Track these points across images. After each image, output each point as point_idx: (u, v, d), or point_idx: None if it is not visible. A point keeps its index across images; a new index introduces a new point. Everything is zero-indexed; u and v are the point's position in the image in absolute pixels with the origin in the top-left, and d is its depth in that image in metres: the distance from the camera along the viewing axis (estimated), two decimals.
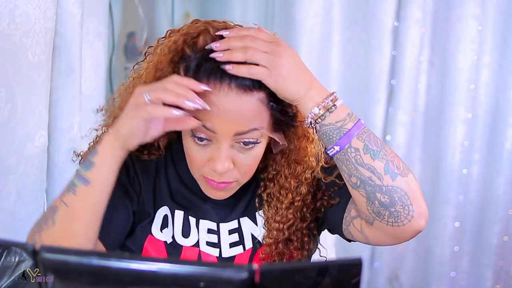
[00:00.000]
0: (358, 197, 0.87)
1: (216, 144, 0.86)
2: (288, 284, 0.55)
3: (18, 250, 0.63)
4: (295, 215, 0.96)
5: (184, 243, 0.96)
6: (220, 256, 0.97)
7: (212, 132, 0.85)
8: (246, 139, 0.86)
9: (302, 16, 1.89)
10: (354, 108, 2.30)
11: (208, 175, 0.89)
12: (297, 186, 0.96)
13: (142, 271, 0.54)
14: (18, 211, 1.26)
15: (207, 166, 0.88)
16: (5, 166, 1.21)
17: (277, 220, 0.96)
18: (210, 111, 0.82)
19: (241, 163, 0.88)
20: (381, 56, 1.97)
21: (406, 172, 0.86)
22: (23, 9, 1.16)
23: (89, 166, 0.84)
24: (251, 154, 0.89)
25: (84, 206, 0.84)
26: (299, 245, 0.98)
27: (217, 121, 0.83)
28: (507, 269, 2.10)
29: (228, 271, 0.54)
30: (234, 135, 0.85)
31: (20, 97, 1.20)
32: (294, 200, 0.96)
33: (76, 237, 0.83)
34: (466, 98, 1.97)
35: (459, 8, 1.92)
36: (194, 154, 0.88)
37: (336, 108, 0.86)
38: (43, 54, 1.22)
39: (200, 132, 0.85)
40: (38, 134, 1.26)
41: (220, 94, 0.83)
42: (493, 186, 2.04)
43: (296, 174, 0.96)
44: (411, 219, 0.87)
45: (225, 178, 0.89)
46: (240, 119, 0.84)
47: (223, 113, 0.83)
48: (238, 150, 0.88)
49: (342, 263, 0.58)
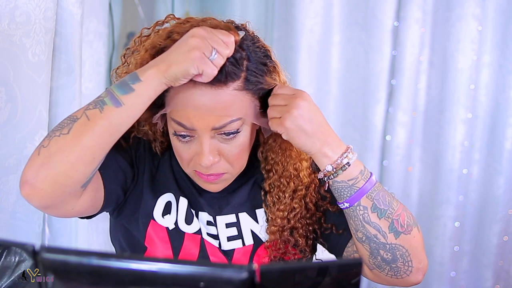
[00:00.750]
0: (362, 250, 0.90)
1: (198, 140, 0.87)
2: (288, 284, 0.55)
3: (18, 250, 0.63)
4: (299, 203, 0.98)
5: (187, 230, 0.97)
6: (220, 248, 0.98)
7: (191, 129, 0.86)
8: (225, 131, 0.87)
9: (302, 16, 1.88)
10: (354, 108, 2.29)
11: (197, 169, 0.91)
12: (297, 174, 0.97)
13: (142, 271, 0.54)
14: (18, 211, 1.26)
15: (194, 161, 0.90)
16: (5, 166, 1.21)
17: (280, 208, 0.97)
18: (187, 110, 0.84)
19: (227, 154, 0.89)
20: (381, 56, 1.96)
21: (410, 228, 0.89)
22: (23, 9, 1.16)
23: (127, 91, 0.82)
24: (235, 143, 0.89)
25: (106, 124, 0.82)
26: (304, 233, 0.99)
27: (195, 118, 0.85)
28: (507, 269, 2.09)
29: (228, 271, 0.54)
30: (211, 130, 0.86)
31: (20, 97, 1.20)
32: (296, 188, 0.98)
33: (84, 151, 0.81)
34: (466, 98, 1.97)
35: (459, 8, 1.92)
36: (181, 151, 0.90)
37: (350, 166, 0.88)
38: (43, 54, 1.22)
39: (181, 130, 0.87)
40: (38, 134, 1.26)
41: (195, 91, 0.84)
42: (493, 186, 2.04)
43: (293, 160, 0.97)
44: (410, 273, 0.90)
45: (213, 170, 0.90)
46: (216, 112, 0.85)
47: (199, 109, 0.84)
48: (221, 141, 0.89)
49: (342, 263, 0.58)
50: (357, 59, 1.99)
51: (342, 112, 2.03)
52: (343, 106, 2.02)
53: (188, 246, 0.97)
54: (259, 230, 1.00)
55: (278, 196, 0.98)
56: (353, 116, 2.03)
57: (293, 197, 0.97)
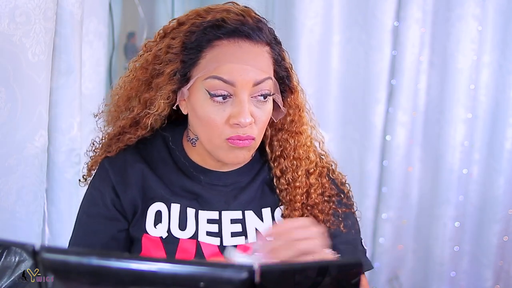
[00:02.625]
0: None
1: (236, 99, 0.90)
2: (288, 284, 0.55)
3: (18, 250, 0.63)
4: (316, 180, 1.01)
5: (181, 235, 0.97)
6: (221, 245, 0.98)
7: (231, 85, 0.89)
8: (262, 91, 0.91)
9: (302, 16, 1.89)
10: (354, 108, 2.30)
11: (232, 133, 0.91)
12: (307, 156, 1.01)
13: (142, 271, 0.54)
14: (18, 211, 1.26)
15: (228, 125, 0.91)
16: (5, 166, 1.21)
17: (297, 185, 1.00)
18: (228, 63, 0.88)
19: (258, 118, 0.92)
20: (381, 56, 1.96)
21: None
22: (23, 9, 1.16)
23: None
24: (265, 109, 0.93)
25: None
26: (324, 209, 1.00)
27: (236, 72, 0.88)
28: (507, 269, 2.09)
29: (228, 271, 0.54)
30: (252, 86, 0.90)
31: (20, 97, 1.20)
32: (309, 168, 1.01)
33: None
34: (466, 98, 1.97)
35: (459, 8, 1.92)
36: (214, 116, 0.91)
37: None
38: (43, 54, 1.22)
39: (221, 87, 0.89)
40: (38, 134, 1.26)
41: (235, 46, 0.89)
42: (493, 186, 2.04)
43: (301, 144, 1.01)
44: None
45: (249, 131, 0.92)
46: (256, 66, 0.90)
47: (241, 62, 0.89)
48: (255, 105, 0.91)
49: (342, 263, 0.58)
50: (357, 59, 1.99)
51: (342, 112, 2.03)
52: (343, 106, 2.02)
53: (182, 251, 0.97)
54: (264, 229, 1.00)
55: (292, 177, 1.00)
56: (353, 116, 2.03)
57: (307, 176, 1.01)
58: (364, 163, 2.03)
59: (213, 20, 0.90)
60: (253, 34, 0.90)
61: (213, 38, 0.90)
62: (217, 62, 0.90)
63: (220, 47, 0.89)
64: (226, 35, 0.89)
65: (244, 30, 0.90)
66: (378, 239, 2.07)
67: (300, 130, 1.02)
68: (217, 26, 0.90)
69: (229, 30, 0.89)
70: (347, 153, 2.04)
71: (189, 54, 0.91)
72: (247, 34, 0.90)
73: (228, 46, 0.89)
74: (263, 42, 0.92)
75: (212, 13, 0.92)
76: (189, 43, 0.91)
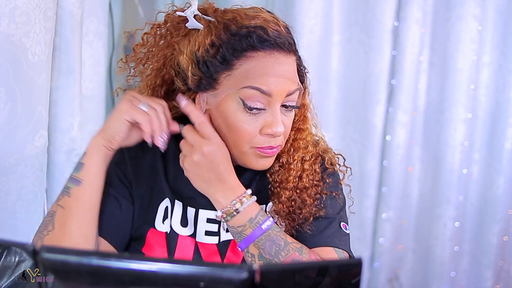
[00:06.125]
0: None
1: (269, 109, 0.92)
2: (288, 284, 0.55)
3: (18, 250, 0.63)
4: (310, 167, 1.03)
5: (181, 232, 0.99)
6: (219, 242, 1.00)
7: (268, 95, 0.90)
8: (291, 102, 0.94)
9: (302, 16, 1.88)
10: (354, 109, 2.29)
11: (263, 143, 0.93)
12: (306, 146, 1.04)
13: (142, 271, 0.54)
14: (18, 211, 1.26)
15: (259, 135, 0.93)
16: (5, 166, 1.21)
17: (291, 167, 1.01)
18: (265, 76, 0.89)
19: (286, 126, 0.95)
20: (381, 56, 1.96)
21: None
22: (23, 9, 1.15)
23: (79, 167, 0.93)
24: (291, 116, 0.97)
25: (78, 205, 0.91)
26: (312, 193, 1.01)
27: (273, 84, 0.90)
28: (507, 269, 2.10)
29: (228, 271, 0.54)
30: (286, 96, 0.92)
31: (20, 97, 1.20)
32: (305, 156, 1.03)
33: (75, 236, 0.89)
34: (466, 98, 1.97)
35: (459, 8, 1.92)
36: (247, 126, 0.92)
37: (239, 213, 0.92)
38: (43, 54, 1.22)
39: (255, 100, 0.90)
40: (38, 134, 1.26)
41: (271, 58, 0.91)
42: (493, 186, 2.04)
43: (301, 137, 1.04)
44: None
45: (279, 141, 0.95)
46: (288, 77, 0.92)
47: (277, 74, 0.91)
48: (283, 113, 0.95)
49: (342, 263, 0.58)
50: (357, 60, 1.99)
51: (342, 113, 2.03)
52: (343, 106, 2.02)
53: (181, 248, 0.98)
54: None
55: (286, 160, 1.02)
56: (353, 117, 2.03)
57: (302, 162, 1.02)
58: (364, 163, 2.03)
59: (252, 29, 0.91)
60: (288, 46, 0.93)
61: (250, 49, 0.90)
62: (254, 73, 0.90)
63: (256, 58, 0.90)
64: (264, 47, 0.91)
65: (280, 43, 0.91)
66: (378, 239, 2.08)
67: (302, 127, 1.05)
68: (258, 37, 0.90)
69: (268, 44, 0.91)
70: (347, 153, 2.03)
71: (221, 59, 0.91)
72: (282, 46, 0.92)
73: (265, 58, 0.91)
74: (292, 52, 0.95)
75: (248, 19, 0.92)
76: (224, 48, 0.91)
